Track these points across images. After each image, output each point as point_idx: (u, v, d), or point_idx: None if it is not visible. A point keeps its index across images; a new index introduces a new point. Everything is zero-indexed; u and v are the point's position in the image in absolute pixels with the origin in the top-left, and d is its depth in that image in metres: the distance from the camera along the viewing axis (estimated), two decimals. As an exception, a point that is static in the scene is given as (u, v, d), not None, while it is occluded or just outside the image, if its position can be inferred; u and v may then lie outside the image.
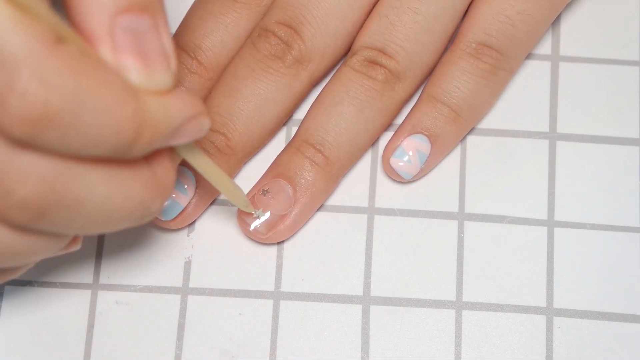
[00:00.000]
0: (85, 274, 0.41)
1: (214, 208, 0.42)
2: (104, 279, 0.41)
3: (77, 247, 0.34)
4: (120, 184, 0.31)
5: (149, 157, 0.32)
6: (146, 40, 0.30)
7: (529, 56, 0.44)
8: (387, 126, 0.42)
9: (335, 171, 0.41)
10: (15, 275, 0.35)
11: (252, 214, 0.40)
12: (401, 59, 0.40)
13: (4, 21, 0.27)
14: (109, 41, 0.30)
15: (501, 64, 0.41)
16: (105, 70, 0.29)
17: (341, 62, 0.42)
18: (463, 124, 0.41)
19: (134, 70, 0.30)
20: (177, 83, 0.32)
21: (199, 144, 0.40)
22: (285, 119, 0.42)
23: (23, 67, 0.27)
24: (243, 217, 0.40)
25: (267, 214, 0.40)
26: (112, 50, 0.30)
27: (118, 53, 0.30)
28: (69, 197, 0.30)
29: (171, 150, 0.33)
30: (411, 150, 0.41)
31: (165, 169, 0.32)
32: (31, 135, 0.28)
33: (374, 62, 0.41)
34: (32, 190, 0.29)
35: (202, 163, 0.35)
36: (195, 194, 0.40)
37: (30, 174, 0.29)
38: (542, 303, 0.41)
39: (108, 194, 0.30)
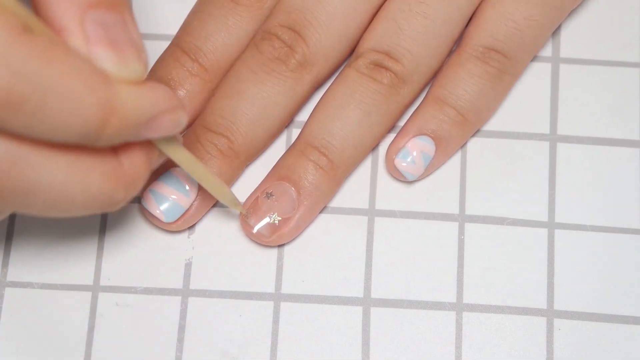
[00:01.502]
0: (85, 276, 0.41)
1: (214, 210, 0.42)
2: (104, 280, 0.41)
3: None
4: (79, 173, 0.31)
5: (119, 149, 0.32)
6: (116, 32, 0.31)
7: (529, 58, 0.44)
8: (390, 129, 0.42)
9: (340, 175, 0.41)
10: None
11: (244, 213, 0.40)
12: (407, 63, 0.40)
13: None
14: (81, 33, 0.30)
15: (507, 68, 0.41)
16: (74, 57, 0.30)
17: (345, 64, 0.42)
18: (469, 126, 0.41)
19: (106, 59, 0.31)
20: (145, 75, 0.32)
21: (201, 146, 0.40)
22: (287, 122, 0.42)
23: None
24: (246, 220, 0.40)
25: (268, 219, 0.40)
26: (85, 41, 0.30)
27: (90, 44, 0.30)
28: (24, 182, 0.30)
29: (147, 145, 0.33)
30: (415, 151, 0.41)
31: (134, 162, 0.33)
32: None
33: (380, 65, 0.40)
34: None
35: (184, 159, 0.35)
36: (197, 196, 0.40)
37: None
38: (543, 305, 0.40)
39: (66, 181, 0.31)
